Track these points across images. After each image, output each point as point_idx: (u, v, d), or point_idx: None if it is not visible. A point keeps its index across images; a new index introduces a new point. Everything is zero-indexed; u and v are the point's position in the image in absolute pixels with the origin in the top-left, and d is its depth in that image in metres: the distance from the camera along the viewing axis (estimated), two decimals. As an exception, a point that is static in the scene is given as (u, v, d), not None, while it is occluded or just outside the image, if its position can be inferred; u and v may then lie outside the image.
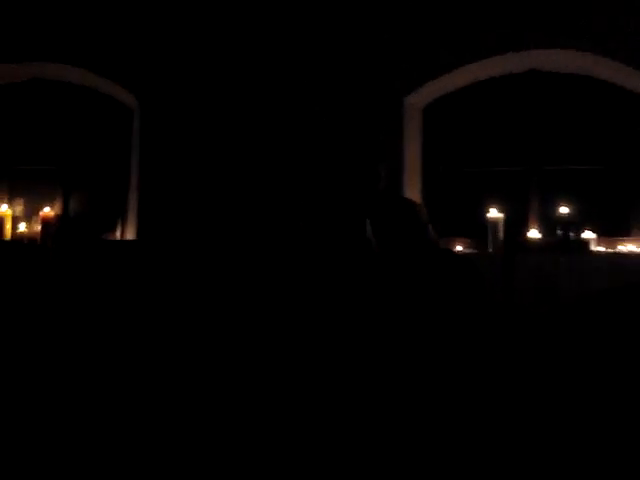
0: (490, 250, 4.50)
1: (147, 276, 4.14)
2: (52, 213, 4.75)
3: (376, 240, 2.96)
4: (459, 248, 4.60)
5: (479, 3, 4.62)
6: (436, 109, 4.96)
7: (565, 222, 4.56)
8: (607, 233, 4.64)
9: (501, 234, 4.53)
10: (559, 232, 4.57)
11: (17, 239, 4.73)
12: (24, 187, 5.13)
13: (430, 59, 4.69)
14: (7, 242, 4.67)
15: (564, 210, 4.57)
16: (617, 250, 4.56)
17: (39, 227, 4.69)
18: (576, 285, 4.11)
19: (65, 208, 5.05)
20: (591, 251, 4.48)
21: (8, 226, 4.74)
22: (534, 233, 4.66)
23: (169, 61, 4.88)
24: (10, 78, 5.26)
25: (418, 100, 4.83)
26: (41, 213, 4.72)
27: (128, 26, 4.92)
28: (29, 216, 4.91)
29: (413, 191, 4.70)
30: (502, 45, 4.62)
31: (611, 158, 4.77)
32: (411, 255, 2.92)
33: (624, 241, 4.63)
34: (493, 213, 4.59)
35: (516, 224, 4.66)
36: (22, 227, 4.82)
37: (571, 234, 4.55)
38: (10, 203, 4.97)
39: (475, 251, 4.59)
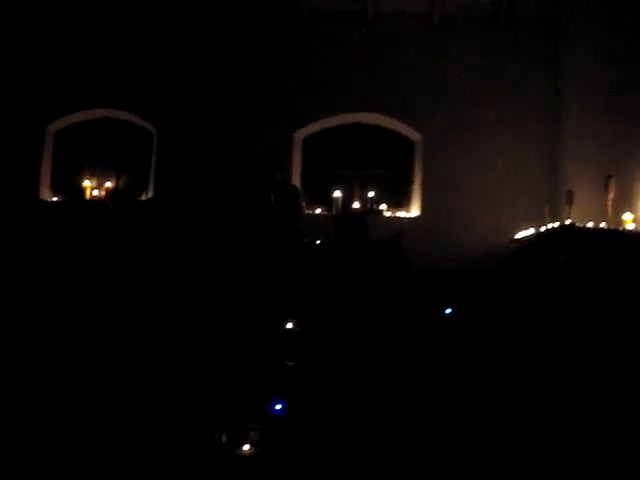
0: (333, 212, 9.09)
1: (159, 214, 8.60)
2: (110, 186, 9.21)
3: (276, 206, 7.48)
4: (318, 210, 9.20)
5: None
6: (311, 140, 9.56)
7: (369, 200, 9.24)
8: (393, 206, 9.32)
9: (340, 204, 9.15)
10: (367, 205, 9.24)
11: (92, 199, 9.19)
12: (97, 172, 9.57)
13: (310, 110, 9.26)
14: (87, 201, 9.11)
15: (371, 194, 9.24)
16: (397, 215, 9.24)
17: (104, 193, 9.15)
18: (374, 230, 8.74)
19: (116, 184, 9.51)
20: (384, 215, 9.16)
21: (88, 192, 9.20)
22: (356, 205, 9.28)
23: (177, 100, 9.26)
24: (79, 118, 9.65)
25: (301, 134, 9.44)
26: (105, 185, 9.19)
27: (147, 76, 9.22)
28: (99, 187, 9.36)
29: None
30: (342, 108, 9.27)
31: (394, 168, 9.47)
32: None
33: (400, 210, 9.33)
34: (336, 193, 9.20)
35: (346, 200, 9.29)
36: (95, 193, 9.27)
37: (373, 206, 9.22)
38: (89, 180, 9.42)
39: (326, 213, 9.18)
